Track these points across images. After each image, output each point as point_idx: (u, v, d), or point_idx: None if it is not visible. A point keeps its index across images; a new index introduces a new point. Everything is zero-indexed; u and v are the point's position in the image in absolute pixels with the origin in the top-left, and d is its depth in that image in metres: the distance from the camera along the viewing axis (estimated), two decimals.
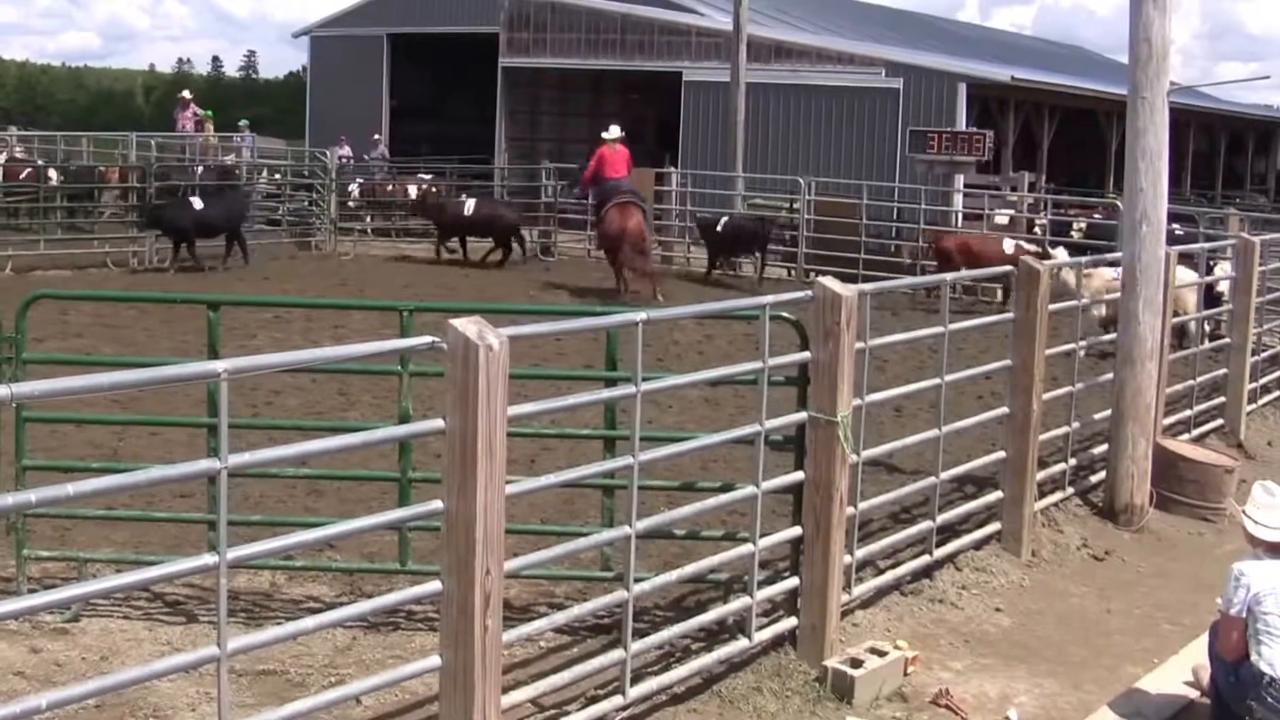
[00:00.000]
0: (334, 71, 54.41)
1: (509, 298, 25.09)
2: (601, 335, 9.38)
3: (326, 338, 19.47)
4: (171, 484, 9.56)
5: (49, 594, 5.52)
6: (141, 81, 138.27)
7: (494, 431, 6.21)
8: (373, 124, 50.51)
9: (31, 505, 4.97)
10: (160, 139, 41.77)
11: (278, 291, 24.76)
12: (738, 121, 34.36)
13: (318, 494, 11.79)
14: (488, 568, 6.29)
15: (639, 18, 45.85)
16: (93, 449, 12.73)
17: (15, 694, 8.12)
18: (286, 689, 8.28)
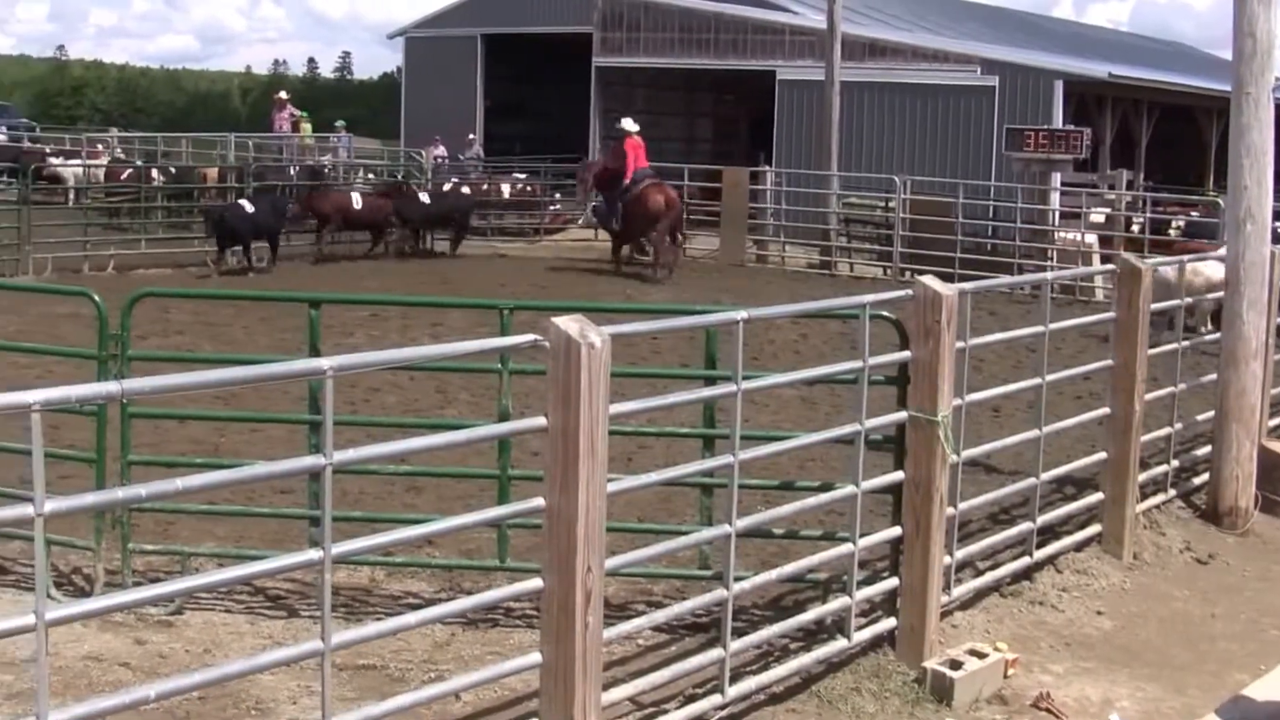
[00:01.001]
0: (428, 72, 54.61)
1: (604, 296, 25.15)
2: (695, 333, 9.38)
3: (424, 336, 19.60)
4: (274, 480, 9.63)
5: (156, 587, 5.60)
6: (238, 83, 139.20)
7: (595, 429, 6.23)
8: (466, 124, 50.68)
9: (141, 500, 5.04)
10: (257, 139, 42.17)
11: (374, 289, 24.93)
12: (832, 120, 34.24)
13: (416, 491, 11.86)
14: (589, 565, 6.30)
15: (732, 16, 45.76)
16: (194, 445, 12.86)
17: (121, 684, 8.23)
18: (386, 684, 8.33)
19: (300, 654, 5.95)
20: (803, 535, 9.49)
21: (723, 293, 25.99)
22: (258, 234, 28.13)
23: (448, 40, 54.00)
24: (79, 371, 14.69)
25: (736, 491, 7.59)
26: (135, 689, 5.22)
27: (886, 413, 8.69)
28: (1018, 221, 30.37)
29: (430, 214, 31.47)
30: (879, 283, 28.39)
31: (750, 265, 31.84)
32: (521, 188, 37.82)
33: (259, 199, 28.92)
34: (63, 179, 37.76)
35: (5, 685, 8.17)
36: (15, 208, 28.12)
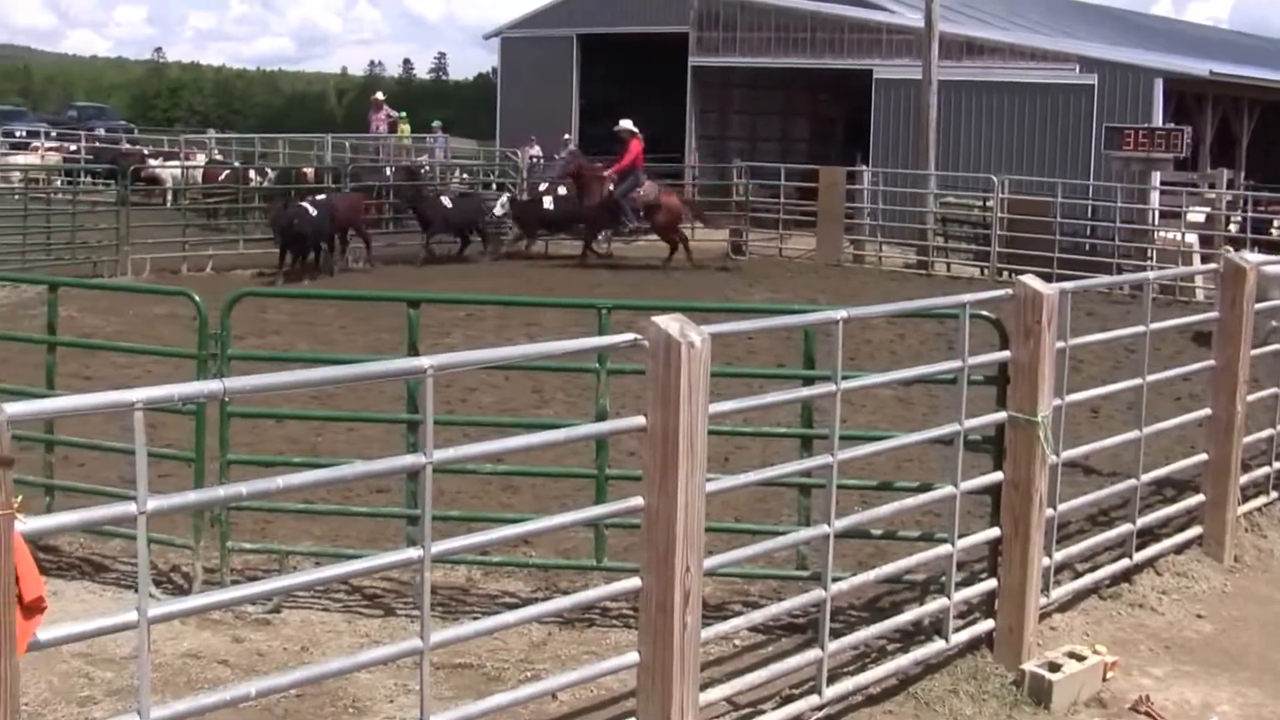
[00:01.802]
0: (523, 72, 54.75)
1: (699, 295, 25.09)
2: (792, 333, 9.34)
3: (520, 335, 19.64)
4: (371, 479, 9.68)
5: (255, 585, 5.63)
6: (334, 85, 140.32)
7: (695, 429, 6.21)
8: (561, 124, 50.77)
9: (242, 498, 5.07)
10: (354, 140, 42.42)
11: (470, 289, 24.98)
12: (929, 120, 34.06)
13: (512, 490, 11.88)
14: (687, 565, 6.29)
15: (829, 15, 45.61)
16: (291, 444, 12.94)
17: (219, 681, 8.29)
18: (483, 683, 8.35)
19: (399, 652, 5.97)
20: (900, 536, 9.44)
21: (819, 293, 25.91)
22: (320, 236, 27.90)
23: (543, 40, 54.10)
24: (177, 371, 14.87)
25: (835, 492, 7.55)
26: (235, 686, 5.26)
27: (984, 413, 8.62)
28: (1116, 221, 30.08)
29: (451, 218, 31.09)
30: (976, 283, 28.18)
31: (846, 265, 31.71)
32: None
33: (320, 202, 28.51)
34: (161, 180, 38.12)
35: (106, 682, 8.25)
36: (114, 209, 28.41)
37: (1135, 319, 10.34)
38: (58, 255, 26.98)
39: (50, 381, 10.64)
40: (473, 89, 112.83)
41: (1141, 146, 30.47)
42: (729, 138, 49.91)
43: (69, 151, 46.20)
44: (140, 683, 4.98)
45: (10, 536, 4.45)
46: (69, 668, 8.29)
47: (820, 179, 33.39)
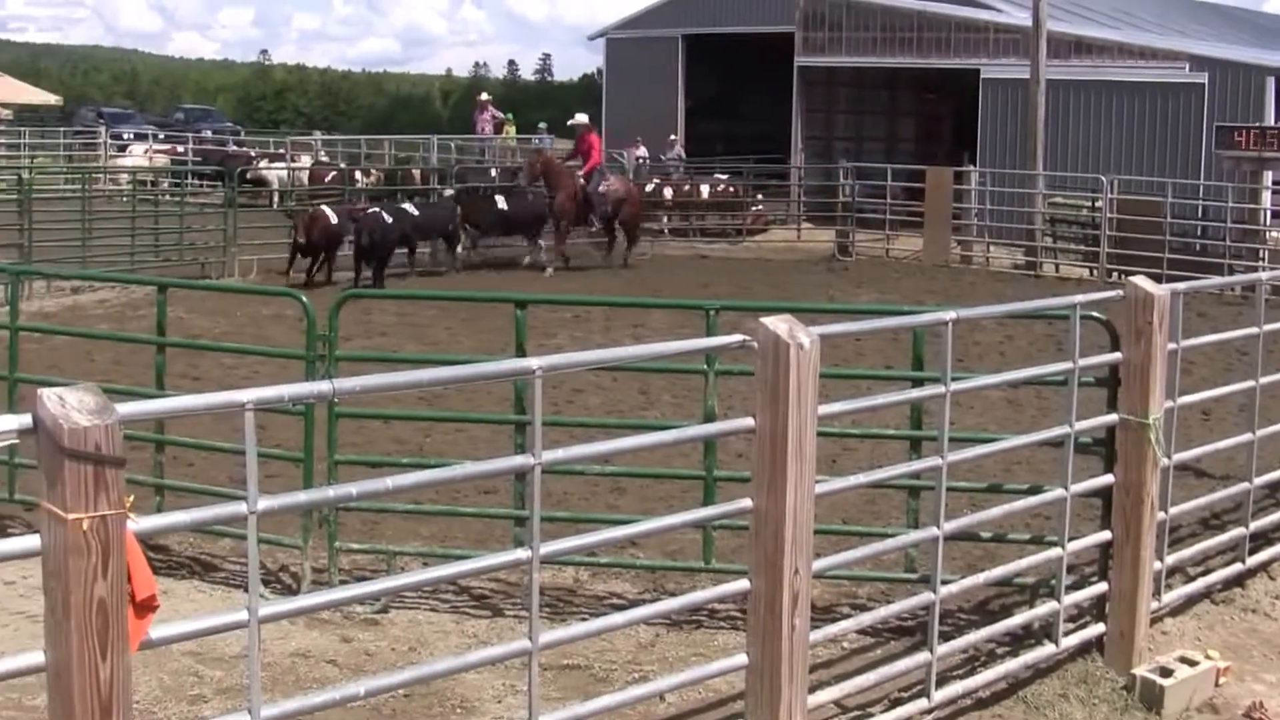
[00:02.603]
0: (629, 73, 54.77)
1: (806, 296, 25.03)
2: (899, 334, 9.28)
3: (626, 337, 19.66)
4: (478, 480, 9.70)
5: (366, 585, 5.65)
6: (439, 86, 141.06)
7: (804, 430, 6.18)
8: (667, 124, 50.73)
9: (352, 499, 5.09)
10: (459, 141, 42.60)
11: (576, 290, 25.05)
12: (1037, 119, 33.77)
13: (619, 491, 11.88)
14: (796, 567, 6.26)
15: (935, 15, 45.31)
16: (398, 445, 13.00)
17: (328, 681, 8.33)
18: (590, 684, 8.34)
19: (508, 653, 5.97)
20: (1010, 539, 9.35)
21: (926, 293, 25.79)
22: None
23: (649, 41, 54.10)
24: (284, 371, 14.98)
25: (944, 494, 7.49)
26: (345, 686, 5.28)
27: (1095, 415, 8.52)
28: (1228, 221, 29.72)
29: (419, 225, 28.60)
30: (1085, 283, 27.96)
31: (954, 266, 31.54)
32: (723, 188, 37.80)
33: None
34: (267, 182, 38.47)
35: (215, 680, 8.31)
36: (222, 210, 28.67)
37: (1248, 320, 10.20)
38: (165, 256, 27.26)
39: (160, 381, 10.74)
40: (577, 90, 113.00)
41: (1253, 146, 30.06)
42: (835, 138, 49.71)
43: (176, 153, 46.72)
44: (251, 681, 5.01)
45: (123, 536, 4.49)
46: (179, 666, 8.36)
47: (927, 179, 33.25)
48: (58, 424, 4.36)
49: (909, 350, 9.43)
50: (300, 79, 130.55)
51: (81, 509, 4.36)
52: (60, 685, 4.55)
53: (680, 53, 53.22)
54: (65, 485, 4.37)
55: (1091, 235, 31.03)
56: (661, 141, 47.49)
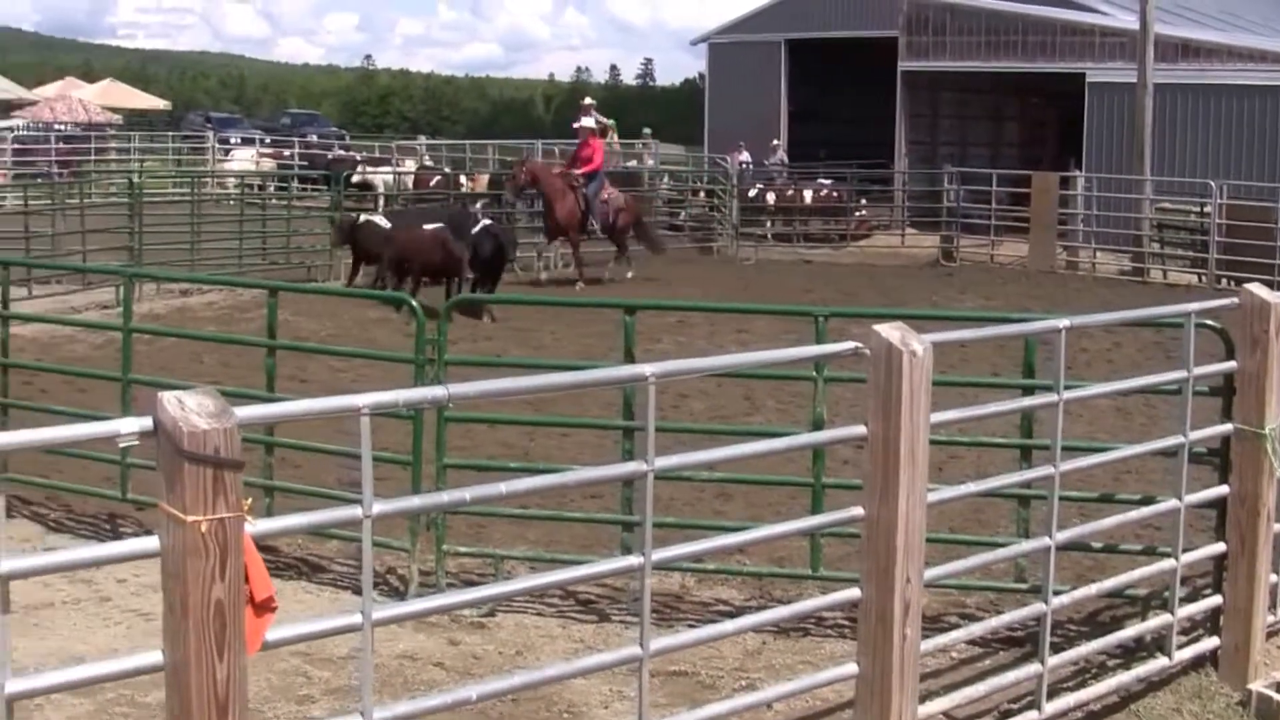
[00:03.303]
0: (732, 77, 54.77)
1: (909, 302, 24.89)
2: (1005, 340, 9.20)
3: (730, 342, 19.60)
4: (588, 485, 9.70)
5: (478, 590, 5.67)
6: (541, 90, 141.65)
7: (916, 438, 6.13)
8: (770, 129, 50.69)
9: (465, 503, 5.09)
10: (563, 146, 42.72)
11: (679, 295, 25.04)
12: (1144, 123, 33.44)
13: (725, 497, 11.84)
14: (908, 576, 6.21)
15: (1040, 18, 44.96)
16: (504, 449, 13.01)
17: (435, 684, 8.36)
18: (697, 690, 8.32)
19: (618, 659, 5.97)
20: (1122, 550, 9.25)
21: (1032, 300, 25.59)
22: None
23: (751, 45, 54.07)
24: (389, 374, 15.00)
25: (1057, 504, 7.41)
26: (458, 689, 5.29)
27: (1208, 425, 8.41)
28: None
29: None
30: (1194, 291, 27.63)
31: (1059, 272, 31.29)
32: (826, 193, 37.71)
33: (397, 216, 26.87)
34: (373, 186, 38.73)
35: (323, 681, 8.36)
36: (328, 214, 28.86)
37: None
38: (272, 259, 27.49)
39: (270, 384, 10.82)
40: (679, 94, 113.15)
41: None
42: (939, 143, 49.50)
43: (282, 157, 47.13)
44: (363, 683, 5.03)
45: (240, 538, 4.52)
46: (288, 666, 8.41)
47: (1032, 184, 33.02)
48: (177, 427, 4.39)
49: (1015, 357, 9.35)
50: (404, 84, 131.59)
51: (200, 511, 4.39)
52: (178, 685, 4.58)
53: (783, 57, 53.20)
54: (184, 487, 4.40)
55: (1200, 241, 30.69)
56: (764, 146, 47.42)
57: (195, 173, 40.07)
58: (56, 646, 8.84)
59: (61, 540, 11.11)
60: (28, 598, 8.92)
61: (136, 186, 27.50)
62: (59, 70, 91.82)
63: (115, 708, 7.93)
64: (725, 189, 35.38)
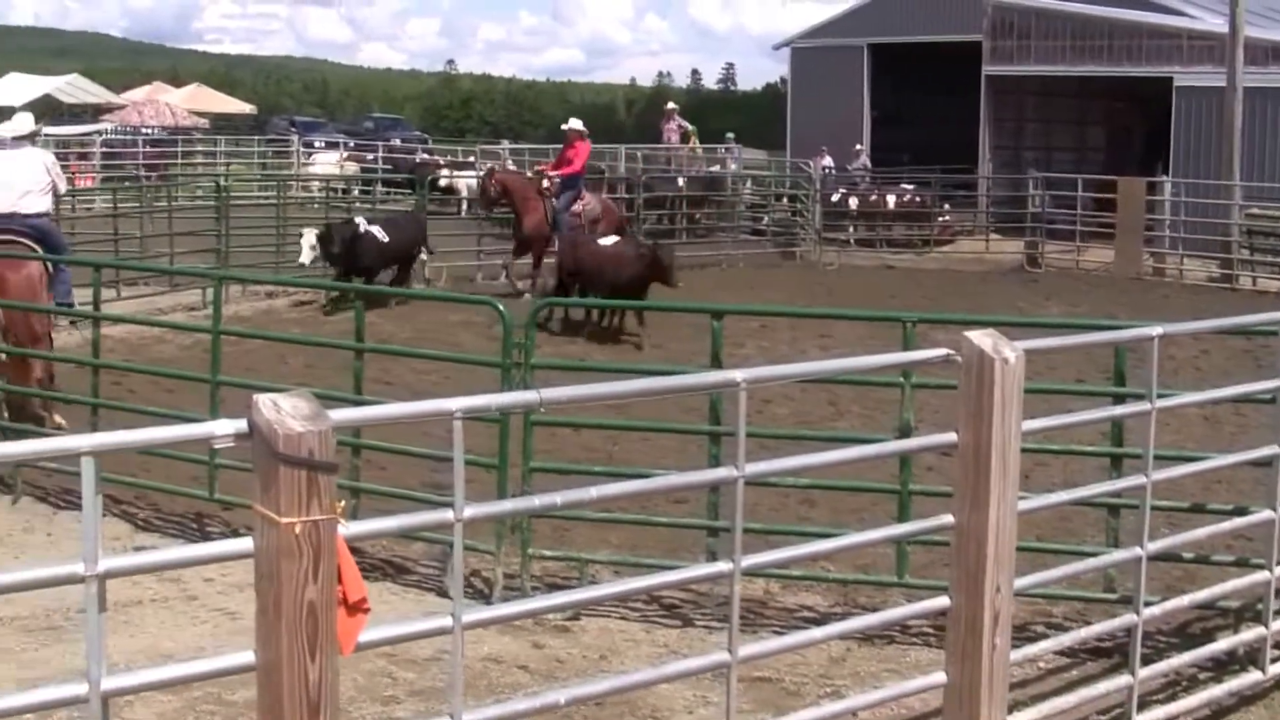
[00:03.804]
0: (814, 82, 54.59)
1: (993, 308, 24.73)
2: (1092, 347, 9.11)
3: (813, 347, 19.57)
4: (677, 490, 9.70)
5: (565, 594, 5.66)
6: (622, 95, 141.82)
7: (1007, 446, 6.09)
8: (853, 134, 50.50)
9: (556, 507, 5.09)
10: (645, 150, 42.76)
11: (762, 300, 24.98)
12: (1234, 128, 33.09)
13: (809, 503, 11.80)
14: (998, 585, 6.16)
15: (1126, 22, 44.56)
16: (588, 453, 13.01)
17: (519, 686, 8.38)
18: (782, 697, 8.29)
19: (706, 665, 5.95)
20: (1214, 560, 9.14)
21: (1118, 307, 25.37)
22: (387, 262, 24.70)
23: (834, 50, 53.89)
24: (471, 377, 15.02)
25: (1149, 513, 7.34)
26: (546, 693, 5.30)
27: None
28: None
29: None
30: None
31: (1146, 278, 31.03)
32: (909, 199, 37.56)
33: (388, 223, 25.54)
34: (456, 190, 38.85)
35: (409, 682, 8.39)
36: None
37: None
38: None
39: (358, 386, 10.87)
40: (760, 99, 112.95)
41: None
42: (1023, 147, 49.14)
43: (365, 161, 47.36)
44: (453, 685, 5.04)
45: (334, 540, 4.53)
46: (373, 667, 8.45)
47: (1119, 190, 32.76)
48: (272, 429, 4.41)
49: (1100, 364, 9.29)
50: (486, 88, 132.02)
51: (294, 513, 4.41)
52: (270, 685, 4.60)
53: (866, 61, 52.99)
54: (279, 490, 4.42)
55: None
56: (847, 151, 47.27)
57: (280, 176, 40.31)
58: (145, 644, 8.93)
59: (150, 539, 11.23)
60: (117, 595, 8.97)
61: (223, 190, 27.70)
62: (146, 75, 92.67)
63: (202, 705, 8.00)
64: (808, 194, 35.30)
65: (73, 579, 4.36)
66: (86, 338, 14.17)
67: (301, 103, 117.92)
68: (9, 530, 11.38)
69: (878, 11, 52.70)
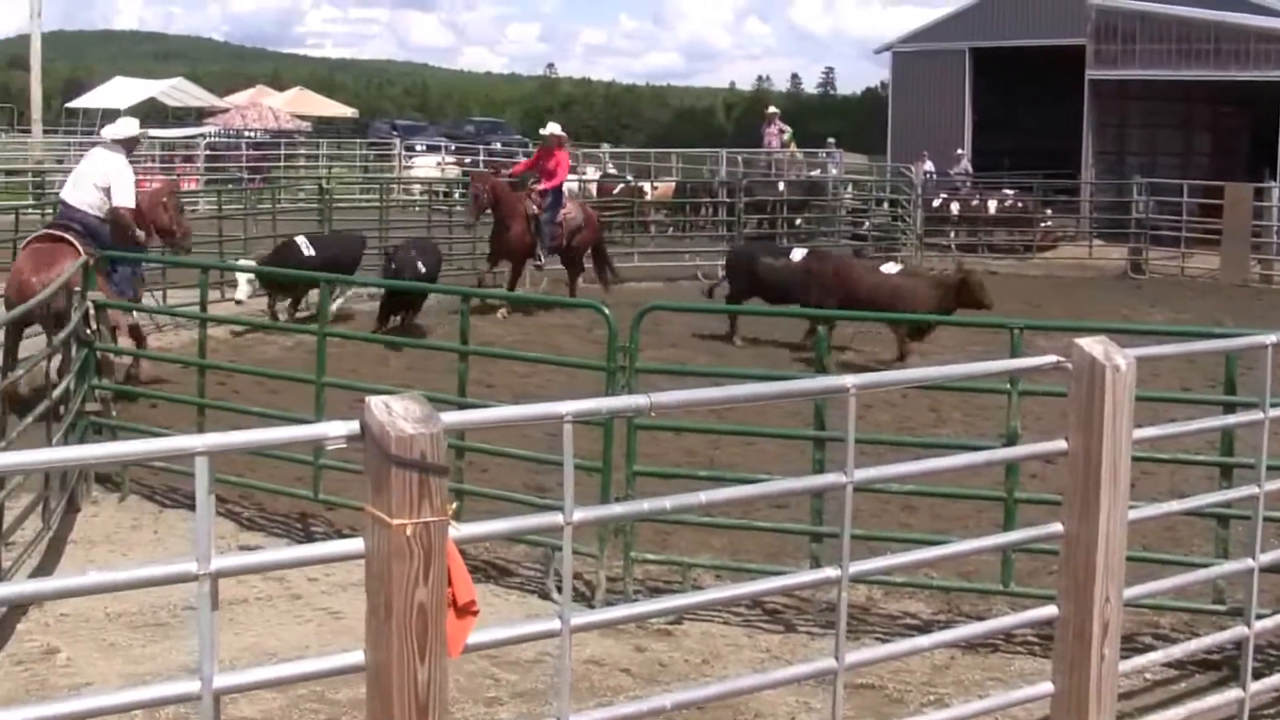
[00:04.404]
0: (915, 86, 54.37)
1: (1097, 315, 24.52)
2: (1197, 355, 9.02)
3: (912, 352, 19.46)
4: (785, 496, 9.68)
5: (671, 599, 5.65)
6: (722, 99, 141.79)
7: (1118, 455, 6.02)
8: (954, 138, 50.25)
9: (666, 512, 5.08)
10: (746, 155, 42.73)
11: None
12: None
13: (910, 510, 11.73)
14: (1107, 595, 6.10)
15: (1234, 25, 44.07)
16: (689, 457, 12.98)
17: (621, 690, 8.40)
18: (885, 704, 8.26)
19: (812, 671, 5.93)
20: None
21: (1224, 314, 25.09)
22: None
23: (935, 54, 53.65)
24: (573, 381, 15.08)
25: (1261, 524, 7.24)
26: (652, 697, 5.29)
27: None
28: None
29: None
30: None
31: (1253, 285, 30.67)
32: (1011, 204, 37.30)
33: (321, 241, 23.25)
34: None
35: (511, 684, 8.42)
36: None
37: None
38: (458, 265, 27.70)
39: (462, 389, 10.92)
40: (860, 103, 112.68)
41: None
42: (1126, 152, 48.65)
43: (465, 164, 47.59)
44: (560, 688, 5.04)
45: (444, 542, 4.55)
46: (475, 668, 8.48)
47: (1225, 195, 32.37)
48: (385, 431, 4.43)
49: (1207, 372, 9.19)
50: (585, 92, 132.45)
51: (406, 515, 4.43)
52: (379, 686, 4.62)
53: (967, 66, 52.71)
54: (391, 491, 4.44)
55: None
56: (947, 156, 47.02)
57: (382, 179, 40.59)
58: (250, 642, 9.01)
59: (254, 538, 11.34)
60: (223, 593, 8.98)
61: (326, 192, 27.92)
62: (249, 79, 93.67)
63: (306, 703, 8.06)
64: (909, 199, 35.15)
65: (186, 577, 4.39)
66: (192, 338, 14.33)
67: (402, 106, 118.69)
68: (116, 528, 11.52)
69: (979, 15, 52.43)
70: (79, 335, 12.13)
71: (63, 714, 4.29)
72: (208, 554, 4.35)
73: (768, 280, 21.59)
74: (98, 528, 11.47)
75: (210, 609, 4.41)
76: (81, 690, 8.20)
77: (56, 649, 8.89)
